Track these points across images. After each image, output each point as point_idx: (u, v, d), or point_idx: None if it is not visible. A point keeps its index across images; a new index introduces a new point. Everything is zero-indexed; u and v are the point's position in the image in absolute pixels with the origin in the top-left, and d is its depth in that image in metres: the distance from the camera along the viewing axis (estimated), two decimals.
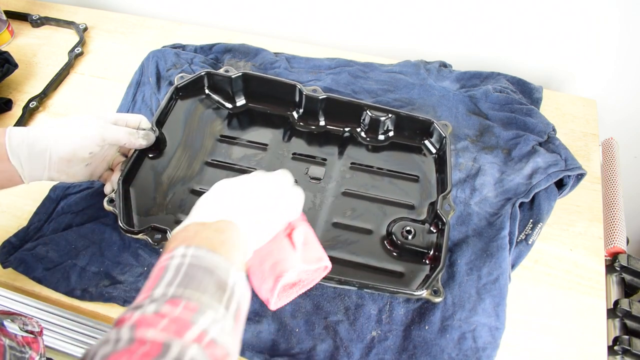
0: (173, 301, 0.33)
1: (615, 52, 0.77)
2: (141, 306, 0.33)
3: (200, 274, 0.36)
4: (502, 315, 0.55)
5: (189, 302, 0.33)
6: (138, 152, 0.62)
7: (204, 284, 0.35)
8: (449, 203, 0.59)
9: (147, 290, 0.36)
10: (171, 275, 0.35)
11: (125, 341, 0.30)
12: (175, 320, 0.32)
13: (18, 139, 0.51)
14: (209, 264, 0.36)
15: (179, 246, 0.38)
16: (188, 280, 0.35)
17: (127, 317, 0.33)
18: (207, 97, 0.73)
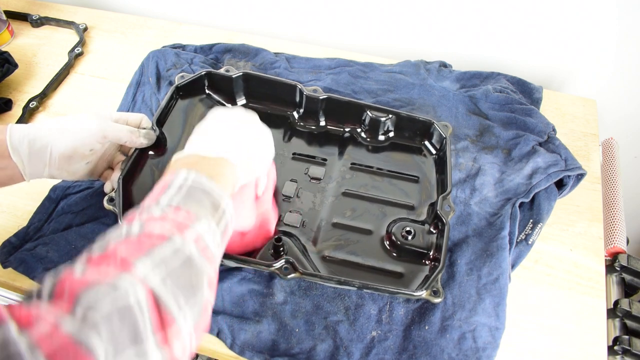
0: (176, 208, 0.39)
1: (615, 52, 0.77)
2: (149, 208, 0.39)
3: (199, 194, 0.41)
4: (502, 315, 0.55)
5: (189, 210, 0.39)
6: (138, 151, 0.62)
7: (202, 202, 0.41)
8: (448, 204, 0.59)
9: (152, 198, 0.41)
10: (174, 191, 0.41)
11: (136, 233, 0.37)
12: (177, 222, 0.38)
13: (19, 136, 0.51)
14: (207, 188, 0.42)
15: (182, 169, 0.43)
16: (189, 196, 0.41)
17: (136, 216, 0.39)
18: (207, 97, 0.73)
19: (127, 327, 0.31)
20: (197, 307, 0.36)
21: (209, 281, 0.38)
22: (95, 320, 0.30)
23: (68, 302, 0.30)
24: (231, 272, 0.59)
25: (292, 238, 0.61)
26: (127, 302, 0.31)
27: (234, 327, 0.55)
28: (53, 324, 0.28)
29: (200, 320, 0.37)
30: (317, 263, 0.59)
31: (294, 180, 0.66)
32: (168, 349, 0.33)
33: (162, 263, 0.35)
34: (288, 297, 0.57)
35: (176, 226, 0.38)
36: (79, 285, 0.31)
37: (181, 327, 0.34)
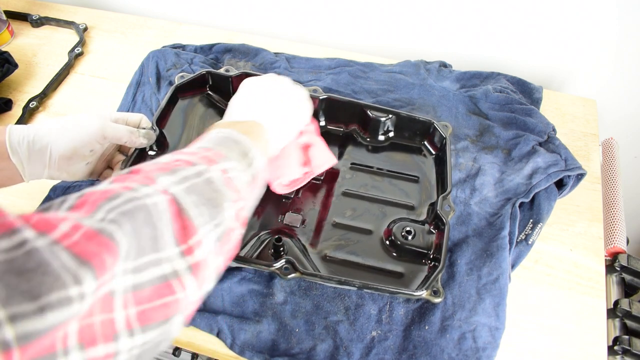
0: (206, 149, 0.41)
1: (615, 52, 0.77)
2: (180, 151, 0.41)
3: (229, 142, 0.43)
4: (502, 315, 0.55)
5: (217, 152, 0.41)
6: (138, 150, 0.62)
7: (231, 148, 0.43)
8: (448, 204, 0.59)
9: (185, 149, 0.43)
10: (205, 141, 0.43)
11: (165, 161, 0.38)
12: (206, 157, 0.40)
13: (18, 137, 0.51)
14: (237, 138, 0.44)
15: (214, 129, 0.46)
16: (219, 143, 0.43)
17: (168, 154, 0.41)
18: (207, 97, 0.73)
19: (148, 228, 0.31)
20: (221, 227, 0.36)
21: (235, 212, 0.38)
22: (116, 217, 0.30)
23: (89, 209, 0.30)
24: (231, 272, 0.59)
25: (293, 238, 0.61)
26: (146, 203, 0.32)
27: (234, 327, 0.55)
28: (73, 225, 0.27)
29: (224, 242, 0.37)
30: (317, 263, 0.59)
31: None
32: (191, 258, 0.33)
33: (185, 179, 0.36)
34: (288, 297, 0.57)
35: (204, 160, 0.39)
36: (100, 195, 0.31)
37: (203, 238, 0.34)
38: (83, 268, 0.25)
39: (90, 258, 0.26)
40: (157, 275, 0.31)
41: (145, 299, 0.30)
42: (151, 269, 0.31)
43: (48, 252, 0.25)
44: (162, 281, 0.31)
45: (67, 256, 0.25)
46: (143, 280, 0.30)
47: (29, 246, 0.24)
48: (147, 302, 0.30)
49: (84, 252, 0.26)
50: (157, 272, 0.31)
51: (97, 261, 0.26)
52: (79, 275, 0.25)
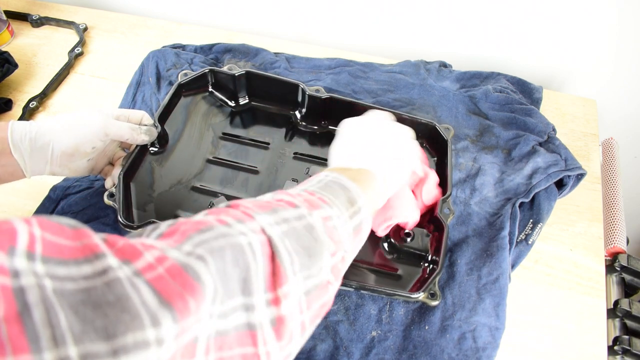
0: (310, 192, 0.39)
1: (615, 52, 0.77)
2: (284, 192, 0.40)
3: (336, 187, 0.41)
4: (502, 315, 0.55)
5: (322, 197, 0.39)
6: (140, 147, 0.62)
7: (337, 194, 0.40)
8: (448, 207, 0.59)
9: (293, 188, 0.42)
10: (313, 183, 0.42)
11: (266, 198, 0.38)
12: (309, 200, 0.38)
13: (20, 133, 0.51)
14: (345, 184, 0.42)
15: (324, 172, 0.44)
16: (326, 188, 0.41)
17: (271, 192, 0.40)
18: (210, 95, 0.73)
19: (239, 266, 0.29)
20: (312, 280, 0.33)
21: (332, 264, 0.35)
22: (204, 253, 0.27)
23: (179, 239, 0.28)
24: None
25: None
26: (240, 242, 0.30)
27: None
28: (158, 256, 0.26)
29: (316, 296, 0.33)
30: None
31: (295, 180, 0.66)
32: (276, 310, 0.30)
33: (284, 222, 0.33)
34: None
35: (307, 203, 0.37)
36: (192, 225, 0.30)
37: (292, 290, 0.31)
38: (163, 309, 0.23)
39: (172, 299, 0.24)
40: (243, 321, 0.29)
41: (227, 346, 0.28)
42: (238, 314, 0.29)
43: (129, 285, 0.23)
44: (247, 329, 0.29)
45: (149, 292, 0.23)
46: (229, 326, 0.28)
47: (111, 275, 0.23)
48: (228, 349, 0.28)
49: (166, 291, 0.24)
50: (243, 318, 0.29)
51: (179, 304, 0.24)
52: (158, 316, 0.23)
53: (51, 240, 0.23)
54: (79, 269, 0.22)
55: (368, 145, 0.50)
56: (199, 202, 0.63)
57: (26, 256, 0.21)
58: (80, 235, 0.24)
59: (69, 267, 0.22)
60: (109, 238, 0.26)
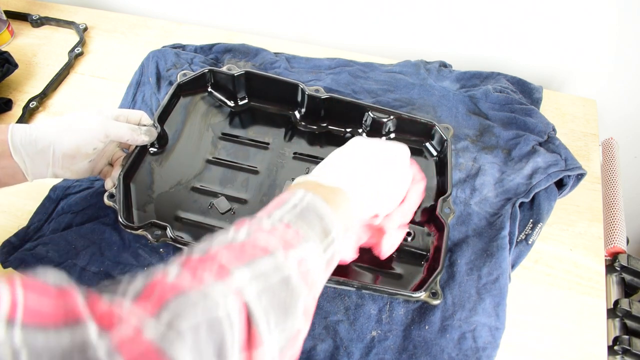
0: (287, 225, 0.39)
1: (615, 52, 0.77)
2: (260, 219, 0.39)
3: (312, 216, 0.40)
4: (502, 315, 0.55)
5: (298, 230, 0.38)
6: (139, 148, 0.62)
7: (312, 225, 0.40)
8: (448, 206, 0.59)
9: (266, 211, 0.41)
10: (289, 207, 0.41)
11: (241, 240, 0.36)
12: (284, 239, 0.37)
13: (21, 136, 0.51)
14: (320, 212, 0.41)
15: (300, 190, 0.43)
16: (301, 217, 0.40)
17: (246, 223, 0.38)
18: (209, 95, 0.73)
19: (214, 341, 0.29)
20: (286, 333, 0.34)
21: (304, 308, 0.36)
22: (181, 328, 0.28)
23: (155, 306, 0.29)
24: None
25: None
26: (217, 314, 0.30)
27: None
28: (136, 328, 0.27)
29: (288, 348, 0.34)
30: None
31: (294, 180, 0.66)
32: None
33: (261, 276, 0.33)
34: None
35: (282, 243, 0.36)
36: (170, 289, 0.30)
37: (266, 351, 0.32)
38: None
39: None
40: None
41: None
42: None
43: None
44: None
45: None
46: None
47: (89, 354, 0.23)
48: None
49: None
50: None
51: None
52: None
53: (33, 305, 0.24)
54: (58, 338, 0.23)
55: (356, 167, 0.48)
56: (199, 203, 0.63)
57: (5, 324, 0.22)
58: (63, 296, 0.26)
59: (48, 335, 0.23)
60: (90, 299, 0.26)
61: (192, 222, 0.62)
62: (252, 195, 0.65)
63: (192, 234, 0.60)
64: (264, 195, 0.65)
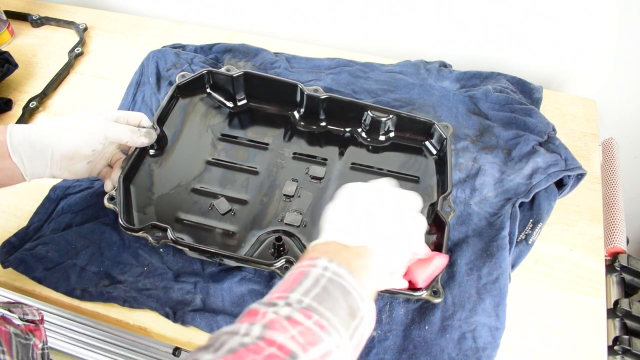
0: (306, 312, 0.34)
1: (615, 52, 0.77)
2: (275, 305, 0.34)
3: (337, 293, 0.36)
4: (502, 315, 0.55)
5: (320, 318, 0.34)
6: (139, 150, 0.62)
7: (338, 306, 0.35)
8: (449, 204, 0.59)
9: (283, 290, 0.36)
10: (310, 284, 0.36)
11: (255, 337, 0.31)
12: (305, 332, 0.33)
13: (19, 136, 0.51)
14: (347, 285, 0.37)
15: (322, 257, 0.38)
16: (325, 296, 0.35)
17: (261, 313, 0.34)
18: (208, 96, 0.73)
19: None
20: None
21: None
22: None
23: None
24: (231, 272, 0.59)
25: (293, 237, 0.61)
26: None
27: None
28: None
29: None
30: None
31: (294, 180, 0.66)
32: None
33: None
34: None
35: (302, 339, 0.32)
36: None
37: None
38: None
39: None
40: None
41: None
42: None
43: None
44: None
45: None
46: None
47: None
48: None
49: None
50: None
51: None
52: None
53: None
54: None
55: (369, 217, 0.44)
56: (199, 204, 0.63)
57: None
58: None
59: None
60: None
61: (192, 223, 0.62)
62: (252, 195, 0.65)
63: (193, 235, 0.60)
64: (264, 196, 0.65)
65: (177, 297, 0.57)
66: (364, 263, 0.40)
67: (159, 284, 0.58)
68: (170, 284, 0.58)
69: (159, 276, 0.59)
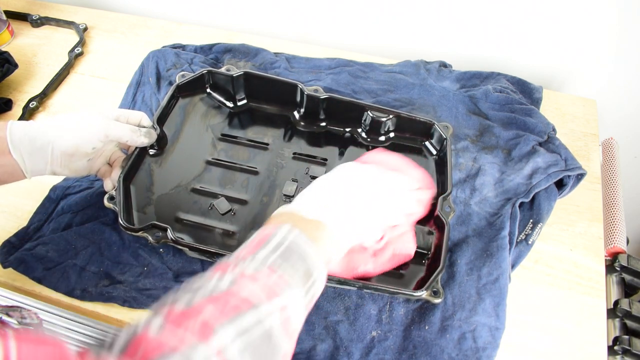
0: (271, 268, 0.39)
1: (615, 52, 0.77)
2: (244, 260, 0.39)
3: (295, 257, 0.41)
4: (502, 315, 0.55)
5: (283, 274, 0.39)
6: (139, 149, 0.62)
7: (297, 266, 0.40)
8: (449, 204, 0.59)
9: (250, 249, 0.41)
10: (273, 246, 0.41)
11: (223, 289, 0.36)
12: (268, 286, 0.37)
13: (20, 133, 0.51)
14: (304, 252, 0.41)
15: (286, 223, 0.43)
16: (287, 257, 0.40)
17: (230, 267, 0.38)
18: (208, 96, 0.73)
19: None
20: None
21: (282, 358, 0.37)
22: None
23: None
24: None
25: None
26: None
27: None
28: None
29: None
30: None
31: (294, 180, 0.66)
32: None
33: (244, 333, 0.34)
34: None
35: (266, 292, 0.37)
36: (153, 349, 0.30)
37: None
38: None
39: None
40: None
41: None
42: None
43: None
44: None
45: None
46: None
47: None
48: None
49: None
50: None
51: None
52: None
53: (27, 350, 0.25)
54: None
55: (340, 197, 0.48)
56: (199, 204, 0.63)
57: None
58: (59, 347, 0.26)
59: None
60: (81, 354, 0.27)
61: (192, 223, 0.62)
62: (252, 195, 0.65)
63: (193, 235, 0.60)
64: (264, 196, 0.65)
65: None
66: (319, 234, 0.45)
67: (159, 284, 0.58)
68: (170, 284, 0.58)
69: (159, 276, 0.59)
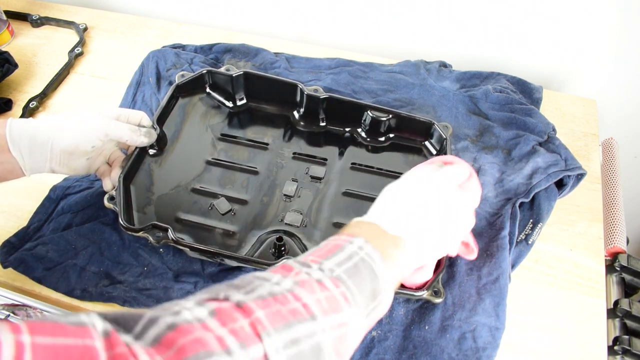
0: (336, 281, 0.36)
1: (615, 52, 0.77)
2: (309, 267, 0.37)
3: (365, 273, 0.38)
4: (502, 315, 0.55)
5: (346, 290, 0.36)
6: (139, 149, 0.62)
7: (364, 285, 0.37)
8: None
9: (318, 256, 0.38)
10: (343, 257, 0.38)
11: (284, 289, 0.34)
12: (330, 298, 0.35)
13: (19, 130, 0.51)
14: (374, 272, 0.38)
15: (360, 237, 0.40)
16: (354, 272, 0.37)
17: (295, 271, 0.36)
18: (207, 96, 0.73)
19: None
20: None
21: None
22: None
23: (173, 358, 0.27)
24: (231, 272, 0.59)
25: (293, 237, 0.61)
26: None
27: None
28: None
29: None
30: None
31: (294, 180, 0.66)
32: None
33: (292, 344, 0.31)
34: None
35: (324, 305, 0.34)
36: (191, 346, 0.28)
37: None
38: None
39: None
40: None
41: None
42: None
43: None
44: None
45: None
46: None
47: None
48: None
49: None
50: None
51: None
52: None
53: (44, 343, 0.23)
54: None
55: (415, 209, 0.45)
56: (199, 204, 0.63)
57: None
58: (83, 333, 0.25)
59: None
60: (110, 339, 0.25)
61: (192, 223, 0.62)
62: (252, 195, 0.65)
63: (193, 235, 0.60)
64: (264, 196, 0.65)
65: (177, 297, 0.57)
66: (395, 253, 0.42)
67: (158, 284, 0.58)
68: (170, 284, 0.58)
69: (159, 276, 0.59)
